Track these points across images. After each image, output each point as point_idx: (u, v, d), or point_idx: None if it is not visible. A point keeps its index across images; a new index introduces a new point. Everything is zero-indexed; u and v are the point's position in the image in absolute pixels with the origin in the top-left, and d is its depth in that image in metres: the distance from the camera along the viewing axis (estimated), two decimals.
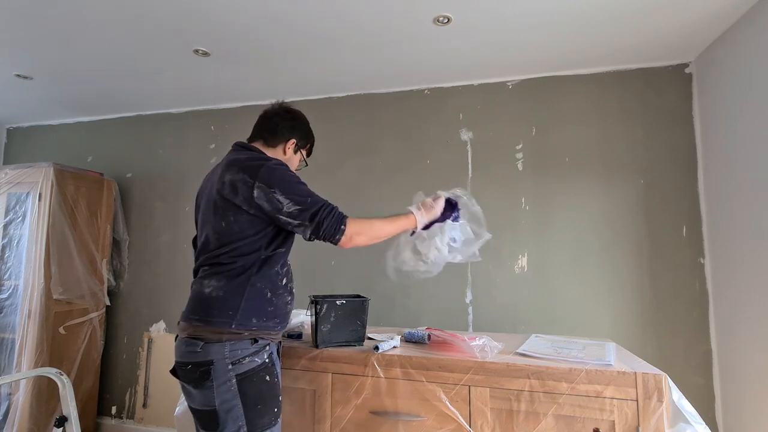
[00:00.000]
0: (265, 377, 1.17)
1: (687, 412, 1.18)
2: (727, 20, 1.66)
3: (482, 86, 2.23)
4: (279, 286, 1.23)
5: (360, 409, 1.42)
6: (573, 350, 1.45)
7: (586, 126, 2.07)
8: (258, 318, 1.18)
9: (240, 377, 1.13)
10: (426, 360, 1.38)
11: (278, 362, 1.26)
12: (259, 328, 1.18)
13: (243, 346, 1.15)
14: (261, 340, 1.19)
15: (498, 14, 1.64)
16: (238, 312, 1.15)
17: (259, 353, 1.17)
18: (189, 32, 1.80)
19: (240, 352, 1.14)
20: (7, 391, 2.29)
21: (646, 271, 1.95)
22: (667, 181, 1.96)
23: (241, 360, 1.13)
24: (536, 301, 2.04)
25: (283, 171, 1.22)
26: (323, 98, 2.47)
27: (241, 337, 1.15)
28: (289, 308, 1.29)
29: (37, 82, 2.34)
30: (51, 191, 2.35)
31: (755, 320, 1.56)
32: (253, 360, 1.15)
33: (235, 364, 1.12)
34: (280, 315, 1.24)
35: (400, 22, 1.70)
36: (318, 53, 1.97)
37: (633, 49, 1.89)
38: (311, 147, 1.49)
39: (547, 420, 1.26)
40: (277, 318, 1.23)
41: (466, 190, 1.50)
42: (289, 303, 1.29)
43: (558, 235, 2.05)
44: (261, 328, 1.19)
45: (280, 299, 1.23)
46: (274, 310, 1.22)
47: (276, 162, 1.23)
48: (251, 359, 1.15)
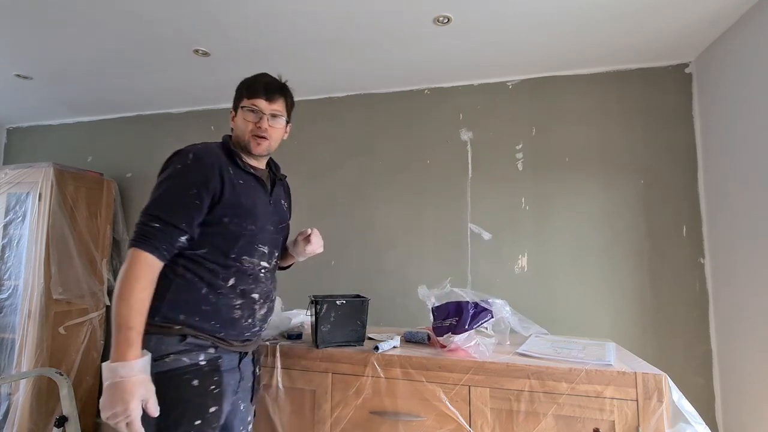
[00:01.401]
0: (192, 381, 1.06)
1: (687, 412, 1.18)
2: (727, 20, 1.66)
3: (482, 86, 2.23)
4: (221, 286, 1.13)
5: (360, 410, 1.42)
6: (573, 350, 1.45)
7: (586, 126, 2.07)
8: (188, 315, 1.08)
9: (158, 375, 1.02)
10: (426, 360, 1.38)
11: (232, 374, 1.15)
12: (189, 326, 1.08)
13: (169, 343, 1.06)
14: (191, 339, 1.08)
15: (498, 14, 1.64)
16: (164, 303, 1.06)
17: (189, 353, 1.06)
18: (189, 32, 1.80)
19: (164, 348, 1.05)
20: (7, 391, 2.29)
21: (646, 271, 1.95)
22: (667, 181, 1.96)
23: (164, 357, 1.04)
24: (536, 301, 2.04)
25: (169, 170, 1.12)
26: (323, 98, 2.47)
27: (169, 331, 1.06)
28: (238, 314, 1.15)
29: (37, 82, 2.34)
30: (51, 191, 2.35)
31: (755, 320, 1.56)
32: (178, 359, 1.05)
33: (156, 360, 1.03)
34: (222, 319, 1.12)
35: (400, 22, 1.70)
36: (318, 53, 1.96)
37: (633, 49, 1.89)
38: (245, 91, 1.22)
39: (547, 420, 1.26)
40: (215, 321, 1.11)
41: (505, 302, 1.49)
42: (238, 308, 1.15)
43: (558, 235, 2.05)
44: (194, 328, 1.09)
45: (221, 300, 1.12)
46: (212, 311, 1.11)
47: (176, 157, 1.13)
48: (176, 358, 1.05)
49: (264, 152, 1.25)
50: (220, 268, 1.13)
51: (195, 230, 1.11)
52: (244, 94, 1.23)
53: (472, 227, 2.16)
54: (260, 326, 1.24)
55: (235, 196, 1.15)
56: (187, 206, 1.09)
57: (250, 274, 1.18)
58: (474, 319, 1.41)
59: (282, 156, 2.50)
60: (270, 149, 1.26)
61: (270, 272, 1.26)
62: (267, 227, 1.23)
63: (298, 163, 2.45)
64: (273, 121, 1.23)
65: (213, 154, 1.16)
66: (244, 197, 1.17)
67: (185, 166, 1.12)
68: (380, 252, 2.27)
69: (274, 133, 1.24)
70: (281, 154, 2.53)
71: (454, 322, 1.43)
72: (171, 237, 1.06)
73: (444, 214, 2.20)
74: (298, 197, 2.45)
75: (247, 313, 1.17)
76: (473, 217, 2.17)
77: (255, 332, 1.22)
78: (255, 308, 1.19)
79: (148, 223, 1.05)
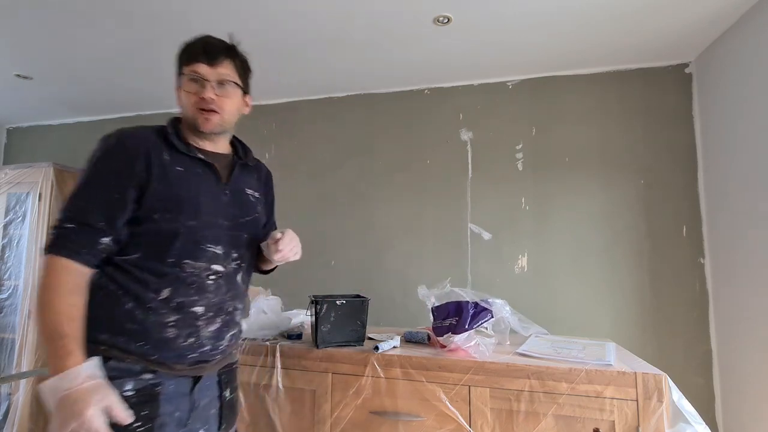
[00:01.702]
0: None
1: (687, 412, 1.18)
2: (727, 20, 1.66)
3: (482, 86, 2.23)
4: (150, 299, 0.92)
5: (360, 410, 1.42)
6: (573, 350, 1.45)
7: (586, 126, 2.07)
8: (111, 334, 0.90)
9: None
10: (426, 360, 1.38)
11: (178, 402, 0.94)
12: (114, 347, 0.90)
13: None
14: (115, 363, 0.89)
15: (498, 14, 1.64)
16: (90, 320, 0.89)
17: (113, 381, 0.86)
18: (189, 32, 1.80)
19: None
20: (7, 391, 2.29)
21: (646, 271, 1.95)
22: (667, 181, 1.96)
23: None
24: (536, 301, 2.04)
25: (89, 159, 0.96)
26: (323, 98, 2.46)
27: (96, 351, 0.88)
28: (172, 333, 0.93)
29: (37, 82, 2.33)
30: (51, 191, 2.36)
31: (755, 320, 1.56)
32: None
33: None
34: (153, 339, 0.92)
35: (400, 22, 1.70)
36: (318, 53, 1.96)
37: (633, 49, 1.89)
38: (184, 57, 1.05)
39: (547, 420, 1.26)
40: (145, 342, 0.91)
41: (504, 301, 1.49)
42: (172, 325, 0.93)
43: (558, 235, 2.05)
44: (120, 349, 0.90)
45: (151, 317, 0.92)
46: (139, 330, 0.91)
47: (99, 144, 0.98)
48: None
49: (216, 129, 1.04)
50: (153, 277, 0.94)
51: (121, 230, 0.93)
52: (183, 60, 1.03)
53: (472, 227, 2.16)
54: (214, 345, 1.00)
55: (167, 186, 0.95)
56: (105, 202, 0.91)
57: (191, 283, 0.96)
58: (474, 319, 1.41)
59: (282, 156, 2.52)
60: (224, 125, 1.05)
61: (226, 278, 1.03)
62: (218, 222, 1.02)
63: (298, 163, 2.45)
64: (221, 90, 1.02)
65: (140, 137, 0.98)
66: (180, 187, 0.97)
67: (105, 153, 0.95)
68: (380, 252, 2.27)
69: (226, 104, 1.03)
70: (282, 154, 2.54)
71: (454, 322, 1.43)
72: (90, 239, 0.90)
73: (444, 214, 2.20)
74: (298, 197, 2.47)
75: (187, 331, 0.95)
76: (473, 217, 2.16)
77: (208, 353, 1.00)
78: (198, 325, 0.97)
79: (62, 225, 0.90)
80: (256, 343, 1.57)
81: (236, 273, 1.07)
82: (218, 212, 1.03)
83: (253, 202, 1.14)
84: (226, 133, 1.10)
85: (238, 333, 1.10)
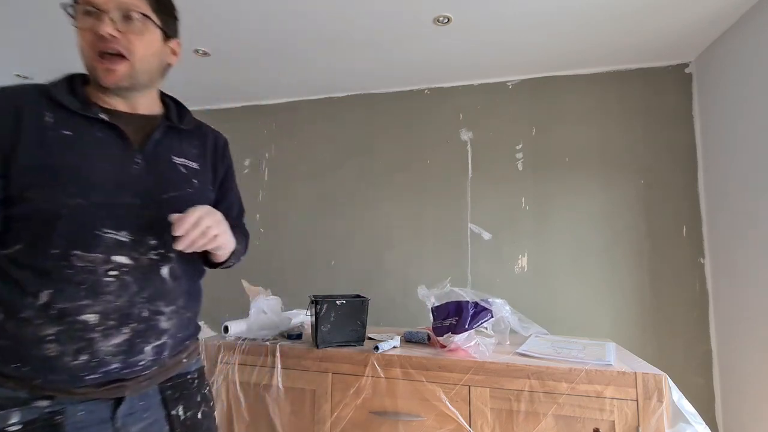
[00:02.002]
0: None
1: (687, 412, 1.18)
2: (727, 20, 1.66)
3: (482, 86, 2.23)
4: (25, 306, 0.72)
5: (360, 409, 1.42)
6: (573, 350, 1.45)
7: (586, 126, 2.07)
8: None
9: None
10: (426, 360, 1.38)
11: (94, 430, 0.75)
12: None
13: None
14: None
15: (498, 14, 1.64)
16: None
17: None
18: (189, 32, 1.80)
19: None
20: None
21: (646, 271, 1.95)
22: (667, 181, 1.96)
23: None
24: (536, 301, 2.04)
25: None
26: (323, 98, 2.46)
27: None
28: (53, 350, 0.72)
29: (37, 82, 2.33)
30: None
31: (755, 320, 1.56)
32: None
33: None
34: (30, 358, 0.72)
35: (400, 22, 1.70)
36: (318, 53, 1.96)
37: (633, 49, 1.89)
38: None
39: (547, 420, 1.26)
40: (22, 363, 0.72)
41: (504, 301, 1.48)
42: (51, 339, 0.72)
43: (558, 235, 2.05)
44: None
45: (24, 329, 0.72)
46: (11, 347, 0.72)
47: None
48: None
49: (124, 81, 0.80)
50: (33, 277, 0.72)
51: None
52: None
53: (472, 227, 2.16)
54: (126, 362, 0.77)
55: (44, 154, 0.74)
56: None
57: (81, 283, 0.74)
58: (474, 319, 1.41)
59: (282, 156, 2.52)
60: (136, 76, 0.81)
61: (138, 273, 0.79)
62: (122, 200, 0.79)
63: (298, 163, 2.45)
64: (126, 25, 0.77)
65: (10, 94, 0.78)
66: (62, 154, 0.75)
67: None
68: (380, 252, 2.27)
69: (135, 45, 0.79)
70: (281, 154, 2.55)
71: (454, 322, 1.43)
72: None
73: (444, 214, 2.20)
74: (298, 197, 2.47)
75: (74, 347, 0.72)
76: (473, 217, 2.17)
77: (118, 372, 0.76)
78: (91, 338, 0.74)
79: None
80: (256, 343, 1.57)
81: (158, 266, 0.82)
82: (123, 187, 0.79)
83: (184, 173, 0.89)
84: (146, 88, 0.87)
85: (171, 343, 0.85)
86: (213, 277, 2.73)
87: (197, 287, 0.96)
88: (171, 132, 0.91)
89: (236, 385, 1.54)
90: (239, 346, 1.57)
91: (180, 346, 0.89)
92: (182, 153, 0.91)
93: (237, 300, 2.28)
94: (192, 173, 0.92)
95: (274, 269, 2.37)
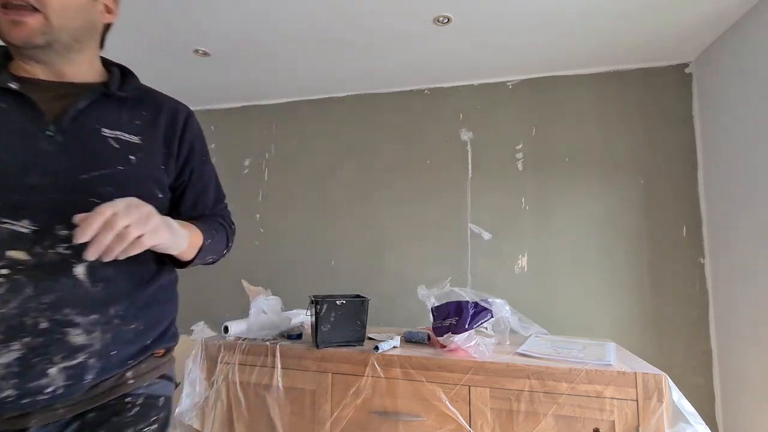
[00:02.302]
0: None
1: (687, 412, 1.18)
2: (727, 20, 1.66)
3: (482, 86, 2.23)
4: None
5: (360, 410, 1.42)
6: (573, 350, 1.45)
7: (586, 126, 2.07)
8: None
9: None
10: (426, 360, 1.38)
11: None
12: None
13: None
14: None
15: (498, 14, 1.64)
16: None
17: None
18: (189, 32, 1.80)
19: None
20: None
21: (646, 271, 1.95)
22: (667, 181, 1.96)
23: None
24: (536, 301, 2.04)
25: None
26: (323, 98, 2.47)
27: None
28: None
29: None
30: None
31: (755, 320, 1.56)
32: None
33: None
34: None
35: (400, 22, 1.70)
36: (318, 53, 1.97)
37: (633, 49, 1.89)
38: None
39: (547, 420, 1.26)
40: None
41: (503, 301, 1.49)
42: None
43: (558, 235, 2.05)
44: None
45: None
46: None
47: None
48: None
49: (36, 39, 0.67)
50: None
51: None
52: None
53: (472, 227, 2.16)
54: (24, 388, 0.61)
55: None
56: None
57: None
58: (474, 319, 1.41)
59: (282, 156, 2.52)
60: (51, 32, 0.68)
61: (36, 273, 0.64)
62: (25, 182, 0.66)
63: (298, 163, 2.46)
64: None
65: None
66: None
67: None
68: (380, 252, 2.27)
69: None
70: (282, 154, 2.55)
71: (454, 322, 1.43)
72: None
73: (444, 214, 2.20)
74: (298, 197, 2.47)
75: None
76: (473, 217, 2.17)
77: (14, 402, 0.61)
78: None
79: None
80: (256, 343, 1.57)
81: (68, 263, 0.67)
82: (28, 165, 0.66)
83: (115, 148, 0.74)
84: (71, 51, 0.73)
85: (98, 364, 0.68)
86: (213, 277, 2.74)
87: (153, 292, 0.78)
88: (105, 100, 0.76)
89: (236, 385, 1.54)
90: (239, 346, 1.57)
91: (121, 367, 0.72)
92: (118, 125, 0.75)
93: (237, 300, 2.28)
94: (128, 148, 0.75)
95: (274, 269, 2.37)
